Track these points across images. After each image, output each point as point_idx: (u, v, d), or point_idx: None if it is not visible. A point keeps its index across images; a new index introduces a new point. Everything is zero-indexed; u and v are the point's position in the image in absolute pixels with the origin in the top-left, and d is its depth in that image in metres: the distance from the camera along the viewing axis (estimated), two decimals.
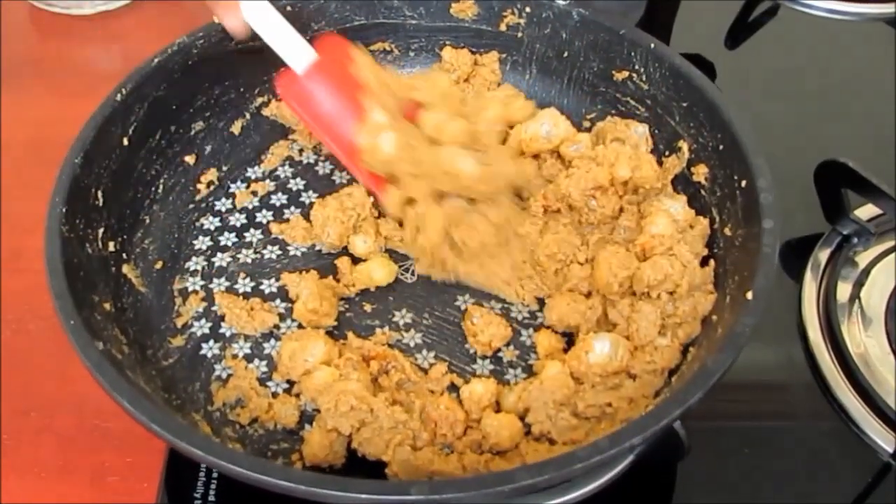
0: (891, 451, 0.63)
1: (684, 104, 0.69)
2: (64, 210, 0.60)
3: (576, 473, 0.48)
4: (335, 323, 0.65)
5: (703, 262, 0.65)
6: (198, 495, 0.61)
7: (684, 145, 0.70)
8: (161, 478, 0.62)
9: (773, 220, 0.58)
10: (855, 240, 0.74)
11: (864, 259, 0.73)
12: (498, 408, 0.60)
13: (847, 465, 0.64)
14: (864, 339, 0.69)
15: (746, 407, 0.67)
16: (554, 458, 0.48)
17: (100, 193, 0.65)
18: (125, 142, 0.68)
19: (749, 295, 0.55)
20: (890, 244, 0.74)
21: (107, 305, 0.61)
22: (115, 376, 0.52)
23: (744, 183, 0.62)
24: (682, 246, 0.64)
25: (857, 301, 0.71)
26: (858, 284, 0.72)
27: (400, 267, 0.69)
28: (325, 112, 0.57)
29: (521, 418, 0.59)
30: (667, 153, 0.72)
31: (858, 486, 0.63)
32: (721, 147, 0.65)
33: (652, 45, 0.70)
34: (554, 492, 0.52)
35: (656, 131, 0.72)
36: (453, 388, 0.62)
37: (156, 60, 0.69)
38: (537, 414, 0.58)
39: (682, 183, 0.70)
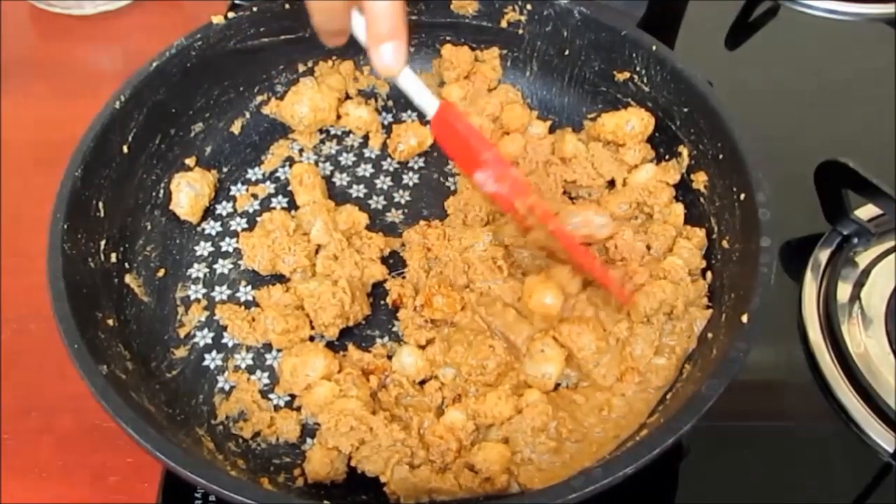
0: (891, 451, 0.64)
1: (685, 109, 0.69)
2: (66, 226, 0.60)
3: (571, 502, 0.48)
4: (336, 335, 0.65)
5: (702, 273, 0.65)
6: (198, 495, 0.61)
7: (684, 151, 0.70)
8: (161, 478, 0.62)
9: (772, 239, 0.58)
10: (855, 240, 0.74)
11: (864, 259, 0.73)
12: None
13: (847, 465, 0.64)
14: (864, 340, 0.69)
15: (746, 407, 0.67)
16: (548, 487, 0.49)
17: (101, 204, 0.65)
18: (125, 149, 0.67)
19: (744, 318, 0.55)
20: (890, 244, 0.74)
21: (110, 321, 0.61)
22: (120, 403, 0.52)
23: (742, 196, 0.62)
24: (674, 260, 0.64)
25: (857, 301, 0.71)
26: (859, 285, 0.72)
27: (392, 272, 0.69)
28: (451, 147, 0.63)
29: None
30: (667, 157, 0.72)
31: (858, 486, 0.63)
32: (721, 156, 0.65)
33: (654, 48, 0.70)
34: None
35: (657, 134, 0.72)
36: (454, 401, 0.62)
37: (154, 65, 0.69)
38: (516, 443, 0.58)
39: (682, 189, 0.70)
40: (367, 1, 0.54)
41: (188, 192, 0.71)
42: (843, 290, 0.71)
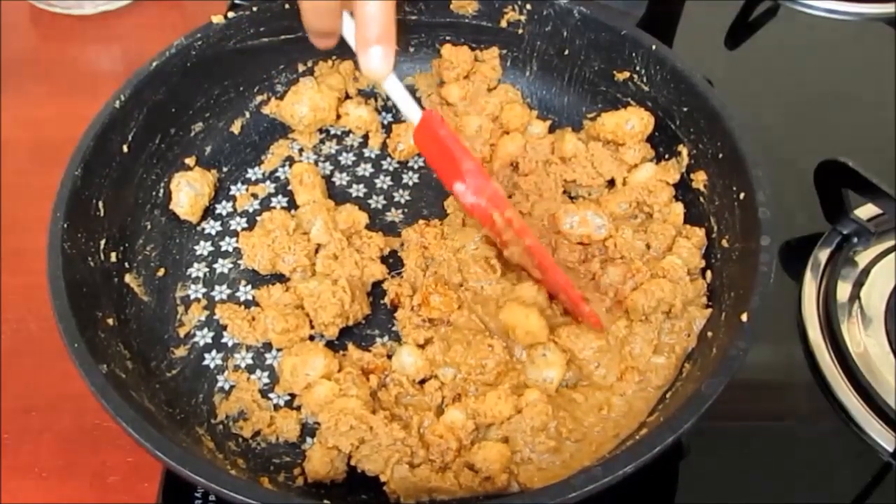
0: (891, 450, 0.64)
1: (685, 109, 0.69)
2: (65, 226, 0.60)
3: (570, 501, 0.48)
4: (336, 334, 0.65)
5: (702, 273, 0.66)
6: (198, 495, 0.61)
7: (684, 150, 0.70)
8: (161, 477, 0.62)
9: (771, 238, 0.58)
10: (855, 239, 0.74)
11: (863, 259, 0.73)
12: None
13: (847, 465, 0.64)
14: (864, 339, 0.69)
15: (746, 407, 0.67)
16: (548, 486, 0.49)
17: (101, 204, 0.65)
18: (125, 149, 0.67)
19: (744, 317, 0.55)
20: (890, 244, 0.74)
21: (110, 320, 0.61)
22: (120, 402, 0.52)
23: (742, 195, 0.62)
24: (673, 260, 0.65)
25: (857, 301, 0.71)
26: (858, 284, 0.72)
27: (392, 272, 0.69)
28: (432, 156, 0.63)
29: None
30: (667, 156, 0.72)
31: (858, 486, 0.63)
32: (721, 156, 0.65)
33: (653, 47, 0.70)
34: None
35: (656, 134, 0.72)
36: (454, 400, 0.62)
37: (154, 64, 0.69)
38: (516, 442, 0.58)
39: (682, 189, 0.70)
40: (357, 4, 0.54)
41: (188, 191, 0.71)
42: (843, 290, 0.71)
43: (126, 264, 0.66)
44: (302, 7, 0.57)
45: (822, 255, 0.74)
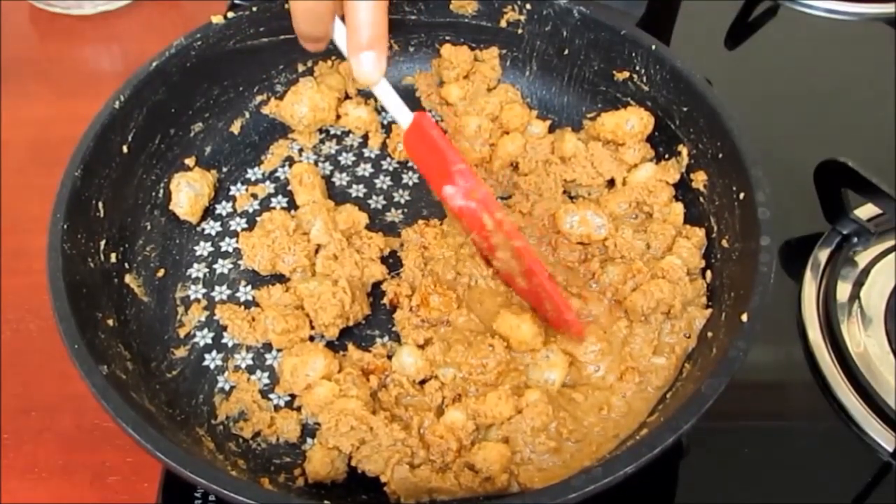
0: (890, 450, 0.64)
1: (685, 108, 0.69)
2: (65, 226, 0.60)
3: (571, 501, 0.48)
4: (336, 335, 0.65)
5: (702, 273, 0.66)
6: (198, 495, 0.61)
7: (684, 150, 0.70)
8: (161, 478, 0.62)
9: (771, 238, 0.58)
10: (855, 239, 0.74)
11: (863, 258, 0.73)
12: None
13: (847, 465, 0.64)
14: (863, 339, 0.69)
15: (746, 407, 0.67)
16: (549, 487, 0.49)
17: (100, 205, 0.65)
18: (125, 149, 0.68)
19: (744, 317, 0.55)
20: (890, 244, 0.74)
21: (110, 321, 0.61)
22: (120, 403, 0.52)
23: (742, 195, 0.62)
24: (673, 259, 0.65)
25: (856, 301, 0.71)
26: (858, 284, 0.72)
27: (392, 272, 0.69)
28: (423, 160, 0.64)
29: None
30: (666, 156, 0.72)
31: (858, 486, 0.63)
32: (720, 155, 0.65)
33: (653, 47, 0.70)
34: None
35: (656, 134, 0.72)
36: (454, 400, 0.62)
37: (153, 64, 0.69)
38: (516, 443, 0.58)
39: (682, 189, 0.70)
40: (348, 8, 0.55)
41: (188, 191, 0.71)
42: (843, 290, 0.72)
43: (126, 265, 0.67)
44: (293, 11, 0.57)
45: (822, 255, 0.74)
